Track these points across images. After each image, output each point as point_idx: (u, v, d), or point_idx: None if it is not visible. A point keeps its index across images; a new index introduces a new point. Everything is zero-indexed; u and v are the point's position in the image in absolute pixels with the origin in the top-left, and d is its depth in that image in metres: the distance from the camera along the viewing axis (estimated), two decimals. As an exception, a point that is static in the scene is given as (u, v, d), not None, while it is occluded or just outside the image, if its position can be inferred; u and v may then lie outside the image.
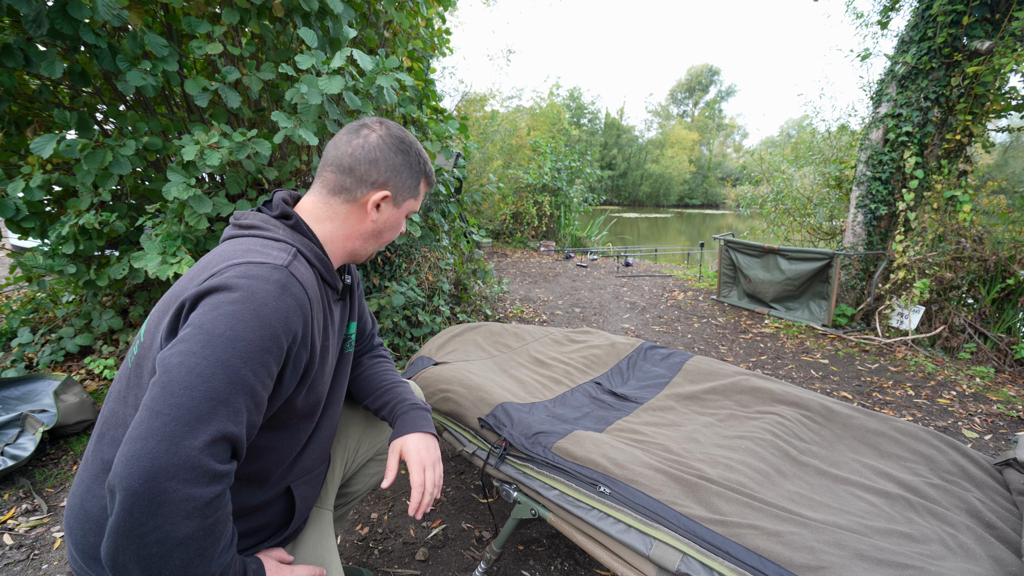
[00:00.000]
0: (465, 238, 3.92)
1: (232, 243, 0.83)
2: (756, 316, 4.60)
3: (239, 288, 0.71)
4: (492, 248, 8.66)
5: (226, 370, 0.67)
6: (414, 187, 0.99)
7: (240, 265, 0.74)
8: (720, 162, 46.90)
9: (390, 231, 1.00)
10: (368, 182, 0.92)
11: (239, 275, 0.73)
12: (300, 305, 0.77)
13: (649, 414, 1.55)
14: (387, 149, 0.94)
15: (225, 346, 0.68)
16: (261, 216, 0.88)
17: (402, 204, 0.98)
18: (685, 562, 0.93)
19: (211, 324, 0.68)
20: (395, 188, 0.95)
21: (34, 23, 1.63)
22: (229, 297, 0.70)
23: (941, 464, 1.30)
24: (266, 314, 0.71)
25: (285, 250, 0.82)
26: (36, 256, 2.15)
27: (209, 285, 0.72)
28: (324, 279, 0.92)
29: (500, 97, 12.04)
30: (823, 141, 6.50)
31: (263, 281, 0.73)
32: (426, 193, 1.06)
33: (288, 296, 0.75)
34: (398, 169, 0.95)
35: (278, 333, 0.73)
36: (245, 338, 0.69)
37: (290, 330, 0.75)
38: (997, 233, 3.71)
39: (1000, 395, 2.93)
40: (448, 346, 1.93)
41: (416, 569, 1.46)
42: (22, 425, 1.92)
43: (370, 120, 0.97)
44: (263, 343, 0.71)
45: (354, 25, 2.44)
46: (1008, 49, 3.39)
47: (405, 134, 0.97)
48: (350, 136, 0.93)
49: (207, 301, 0.71)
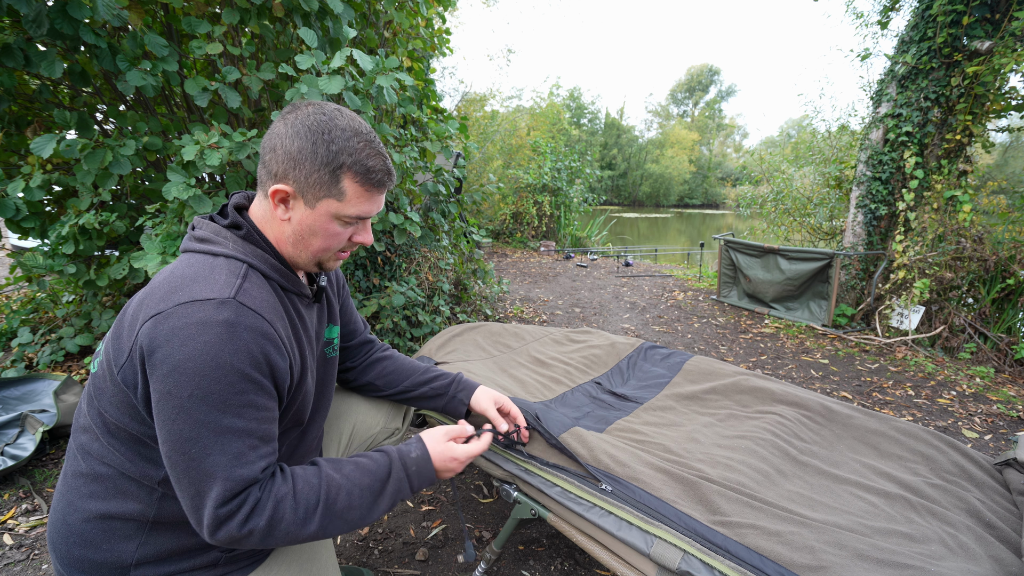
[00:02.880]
0: (465, 238, 3.91)
1: (184, 262, 0.79)
2: (756, 316, 4.60)
3: (188, 340, 0.68)
4: (492, 248, 8.66)
5: (208, 428, 0.70)
6: (328, 183, 0.80)
7: (185, 306, 0.70)
8: (720, 162, 46.90)
9: (315, 237, 0.84)
10: (271, 173, 0.81)
11: (185, 322, 0.69)
12: (260, 333, 0.74)
13: (649, 414, 1.55)
14: (289, 134, 0.79)
15: (198, 405, 0.69)
16: (213, 227, 0.82)
17: (316, 204, 0.81)
18: (686, 560, 0.93)
19: (176, 388, 0.68)
20: (296, 182, 0.79)
21: (34, 23, 1.63)
22: (183, 354, 0.68)
23: (941, 464, 1.30)
24: (225, 359, 0.69)
25: (234, 271, 0.77)
26: (36, 256, 2.15)
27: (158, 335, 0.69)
28: (285, 288, 0.86)
29: (500, 97, 12.06)
30: (823, 141, 6.50)
31: (212, 326, 0.69)
32: (379, 194, 0.86)
33: (242, 331, 0.71)
34: (296, 158, 0.78)
35: (244, 369, 0.71)
36: (213, 391, 0.69)
37: (258, 361, 0.73)
38: (997, 233, 3.71)
39: (1000, 395, 2.93)
40: (448, 346, 1.93)
41: (416, 569, 1.47)
42: (22, 425, 1.92)
43: (301, 103, 0.83)
44: (233, 386, 0.70)
45: (354, 25, 2.44)
46: (1008, 49, 3.39)
47: (326, 119, 0.79)
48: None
49: (161, 360, 0.68)
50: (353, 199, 0.82)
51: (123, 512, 0.77)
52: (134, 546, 0.78)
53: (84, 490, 0.79)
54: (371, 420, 1.25)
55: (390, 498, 0.86)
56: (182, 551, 0.81)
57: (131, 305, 0.77)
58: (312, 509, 0.78)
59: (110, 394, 0.76)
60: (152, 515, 0.78)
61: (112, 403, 0.76)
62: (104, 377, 0.77)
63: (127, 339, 0.73)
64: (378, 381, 1.22)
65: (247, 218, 0.86)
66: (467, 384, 1.23)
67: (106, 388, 0.77)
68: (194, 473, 0.70)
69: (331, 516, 0.79)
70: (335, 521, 0.80)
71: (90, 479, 0.79)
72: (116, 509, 0.77)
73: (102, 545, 0.77)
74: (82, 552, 0.77)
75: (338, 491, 0.81)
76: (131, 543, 0.78)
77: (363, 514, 0.83)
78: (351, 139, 0.80)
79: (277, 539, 0.75)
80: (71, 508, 0.79)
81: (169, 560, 0.80)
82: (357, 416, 1.23)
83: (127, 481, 0.78)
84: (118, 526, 0.78)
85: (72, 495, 0.79)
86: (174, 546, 0.80)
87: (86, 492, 0.78)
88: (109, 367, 0.76)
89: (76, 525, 0.78)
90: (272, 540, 0.75)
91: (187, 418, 0.69)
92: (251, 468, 0.73)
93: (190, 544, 0.81)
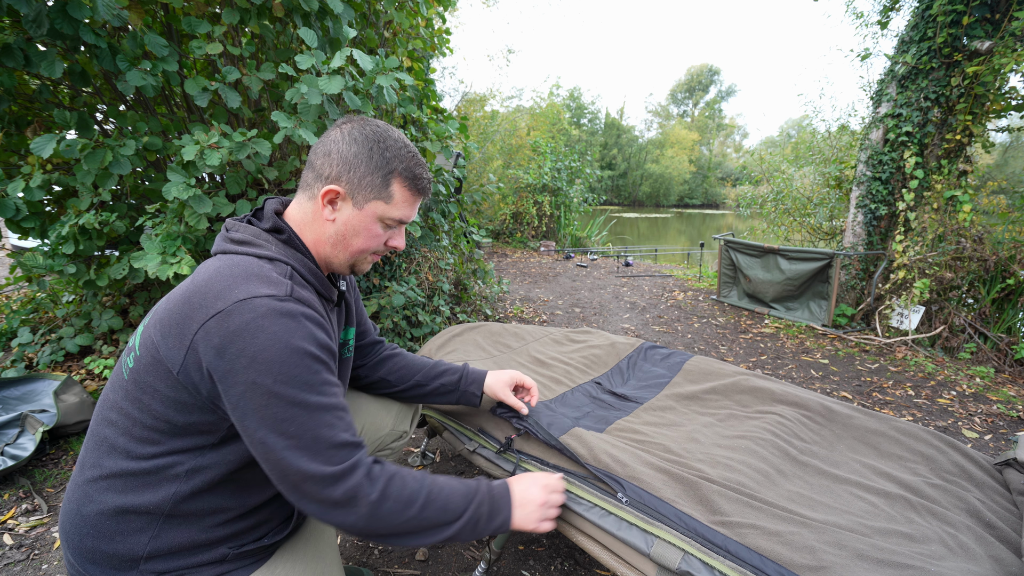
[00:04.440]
0: (465, 238, 3.91)
1: (228, 262, 0.81)
2: (756, 316, 4.60)
3: (259, 331, 0.73)
4: (492, 248, 8.66)
5: (300, 407, 0.75)
6: (379, 186, 0.88)
7: (246, 302, 0.74)
8: (720, 162, 46.90)
9: (357, 237, 0.91)
10: (323, 176, 0.87)
11: (252, 316, 0.73)
12: (317, 323, 0.80)
13: (649, 414, 1.55)
14: (345, 140, 0.87)
15: (285, 389, 0.74)
16: (253, 230, 0.87)
17: (364, 205, 0.89)
18: (686, 560, 0.92)
19: (260, 377, 0.73)
20: (349, 183, 0.87)
21: (34, 23, 1.63)
22: (257, 345, 0.72)
23: (941, 464, 1.30)
24: (297, 344, 0.75)
25: (283, 272, 0.83)
26: (36, 256, 2.15)
27: (225, 333, 0.73)
28: (319, 292, 0.92)
29: (500, 97, 12.06)
30: (823, 141, 6.50)
31: (277, 316, 0.74)
32: (419, 201, 0.95)
33: (303, 320, 0.77)
34: (352, 162, 0.86)
35: (315, 352, 0.77)
36: (294, 374, 0.74)
37: (323, 343, 0.80)
38: (997, 233, 3.71)
39: (1000, 395, 2.93)
40: (448, 346, 1.93)
41: (416, 569, 1.47)
42: (22, 425, 1.92)
43: (353, 116, 0.91)
44: (310, 368, 0.76)
45: (354, 25, 2.44)
46: (1008, 49, 3.39)
47: (381, 130, 0.89)
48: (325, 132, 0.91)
49: (236, 355, 0.72)
50: (399, 202, 0.91)
51: (139, 505, 0.78)
52: (146, 539, 0.79)
53: (103, 483, 0.79)
54: (380, 421, 1.25)
55: (472, 514, 0.89)
56: (192, 546, 0.82)
57: (175, 304, 0.78)
58: (415, 495, 0.83)
59: (158, 389, 0.77)
60: (168, 508, 0.79)
61: (157, 398, 0.77)
62: (149, 372, 0.78)
63: (180, 339, 0.75)
64: (390, 377, 1.25)
65: (286, 223, 0.90)
66: (476, 373, 1.28)
67: (152, 384, 0.78)
68: (296, 452, 0.74)
69: (428, 509, 0.84)
70: (429, 516, 0.84)
71: (110, 472, 0.79)
72: (133, 503, 0.78)
73: (115, 538, 0.78)
74: (95, 543, 0.78)
75: (438, 489, 0.86)
76: (143, 536, 0.79)
77: (448, 522, 0.86)
78: (401, 149, 0.89)
79: (382, 515, 0.79)
80: (87, 500, 0.79)
81: (179, 555, 0.81)
82: (367, 416, 1.24)
83: (148, 474, 0.79)
84: (132, 519, 0.79)
85: (89, 487, 0.80)
86: (185, 541, 0.81)
87: (104, 485, 0.79)
88: (158, 365, 0.77)
89: (91, 517, 0.79)
90: (377, 515, 0.79)
91: (278, 402, 0.73)
92: (348, 434, 0.79)
93: (201, 539, 0.82)
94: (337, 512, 0.77)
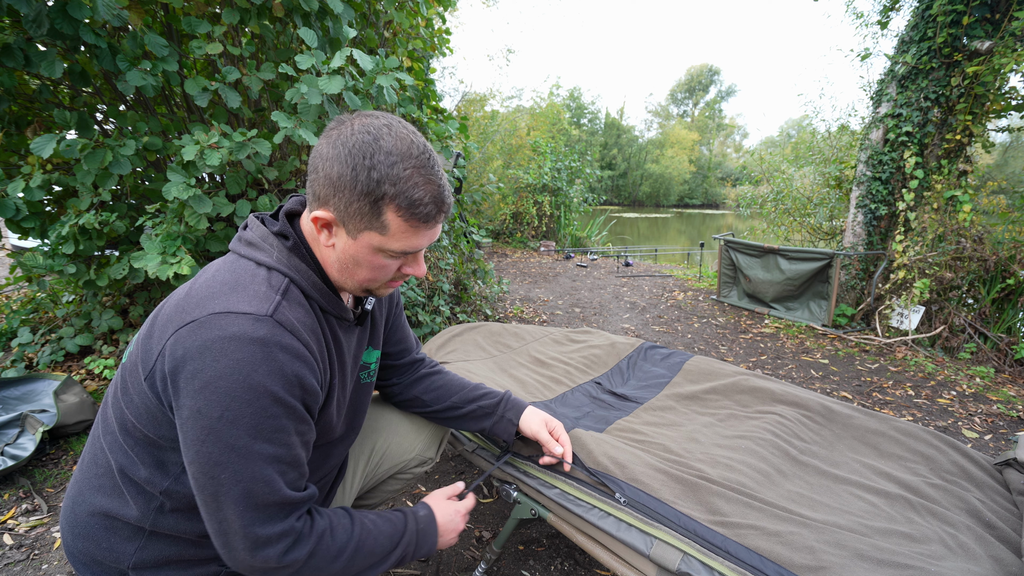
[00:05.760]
0: (465, 238, 3.91)
1: (227, 265, 0.76)
2: (756, 316, 4.60)
3: (221, 355, 0.64)
4: (492, 248, 8.66)
5: (238, 453, 0.67)
6: (368, 215, 0.71)
7: (220, 316, 0.66)
8: (720, 162, 46.91)
9: (360, 268, 0.77)
10: (314, 196, 0.73)
11: (219, 335, 0.65)
12: (294, 354, 0.69)
13: (649, 414, 1.55)
14: (330, 157, 0.70)
15: (228, 428, 0.65)
16: (262, 231, 0.78)
17: (358, 236, 0.73)
18: (686, 561, 0.92)
19: (206, 407, 0.65)
20: (337, 210, 0.72)
21: (34, 23, 1.63)
22: (214, 370, 0.64)
23: (941, 464, 1.30)
24: (257, 381, 0.65)
25: (275, 285, 0.73)
26: (36, 256, 2.15)
27: (189, 346, 0.65)
28: (325, 309, 0.81)
29: (500, 97, 12.07)
30: (823, 141, 6.50)
31: (246, 343, 0.65)
32: (429, 229, 0.76)
33: (277, 351, 0.67)
34: (336, 184, 0.70)
35: (277, 393, 0.68)
36: (244, 414, 0.65)
37: (291, 383, 0.69)
38: (997, 233, 3.71)
39: (1000, 395, 2.93)
40: (448, 346, 1.94)
41: (416, 569, 1.46)
42: (22, 425, 1.92)
43: (349, 115, 0.74)
44: (265, 411, 0.67)
45: (354, 25, 2.44)
46: (1008, 49, 3.39)
47: (371, 138, 0.69)
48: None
49: (192, 374, 0.65)
50: (397, 234, 0.73)
51: (124, 515, 0.76)
52: (133, 548, 0.77)
53: (95, 481, 0.78)
54: (407, 444, 1.17)
55: (400, 552, 0.87)
56: (181, 560, 0.79)
57: (168, 303, 0.74)
58: (343, 548, 0.78)
59: (133, 393, 0.74)
60: (148, 524, 0.76)
61: (133, 403, 0.74)
62: (132, 373, 0.74)
63: (158, 341, 0.70)
64: (425, 396, 1.16)
65: (297, 228, 0.81)
66: (516, 403, 1.18)
67: (131, 386, 0.74)
68: (223, 499, 0.67)
69: (356, 558, 0.80)
70: (356, 564, 0.80)
71: (101, 471, 0.78)
72: (117, 510, 0.76)
73: (102, 543, 0.77)
74: (84, 545, 0.77)
75: (367, 536, 0.82)
76: (130, 545, 0.77)
77: (376, 564, 0.84)
78: (396, 165, 0.69)
79: (306, 572, 0.74)
80: (80, 497, 0.79)
81: (167, 567, 0.79)
82: (393, 436, 1.16)
83: (129, 484, 0.76)
84: (119, 526, 0.77)
85: (83, 484, 0.79)
86: (172, 555, 0.78)
87: (96, 484, 0.78)
88: (136, 367, 0.73)
89: (82, 517, 0.78)
90: (302, 573, 0.74)
91: (216, 440, 0.65)
92: (289, 491, 0.71)
93: (189, 555, 0.80)
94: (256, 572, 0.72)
